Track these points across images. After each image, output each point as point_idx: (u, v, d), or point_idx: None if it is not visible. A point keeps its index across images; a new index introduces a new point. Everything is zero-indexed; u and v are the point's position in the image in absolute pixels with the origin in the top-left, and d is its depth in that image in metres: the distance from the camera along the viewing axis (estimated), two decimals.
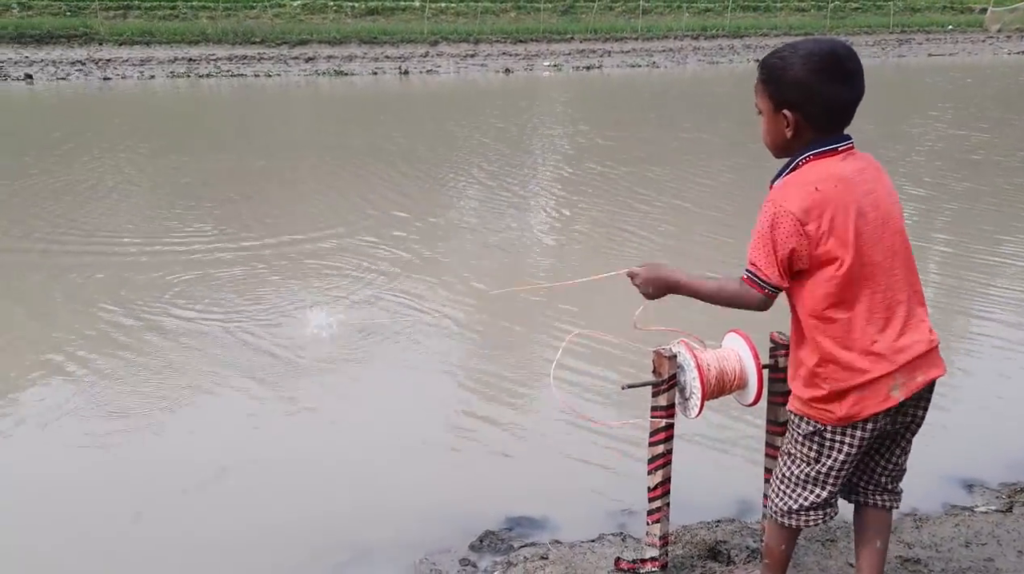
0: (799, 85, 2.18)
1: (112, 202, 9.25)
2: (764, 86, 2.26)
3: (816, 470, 2.36)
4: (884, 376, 2.21)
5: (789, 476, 2.42)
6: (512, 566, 3.14)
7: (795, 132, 2.23)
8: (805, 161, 2.23)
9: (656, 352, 2.76)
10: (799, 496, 2.41)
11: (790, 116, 2.21)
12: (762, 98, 2.28)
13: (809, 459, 2.36)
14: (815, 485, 2.38)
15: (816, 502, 2.39)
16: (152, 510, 3.65)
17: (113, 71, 23.00)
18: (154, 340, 5.40)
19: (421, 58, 27.03)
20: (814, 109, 2.19)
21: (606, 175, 10.82)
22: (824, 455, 2.34)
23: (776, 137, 2.28)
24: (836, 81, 2.18)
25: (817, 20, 37.29)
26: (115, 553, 3.39)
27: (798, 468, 2.40)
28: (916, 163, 11.61)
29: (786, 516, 2.45)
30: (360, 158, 11.76)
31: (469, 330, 5.61)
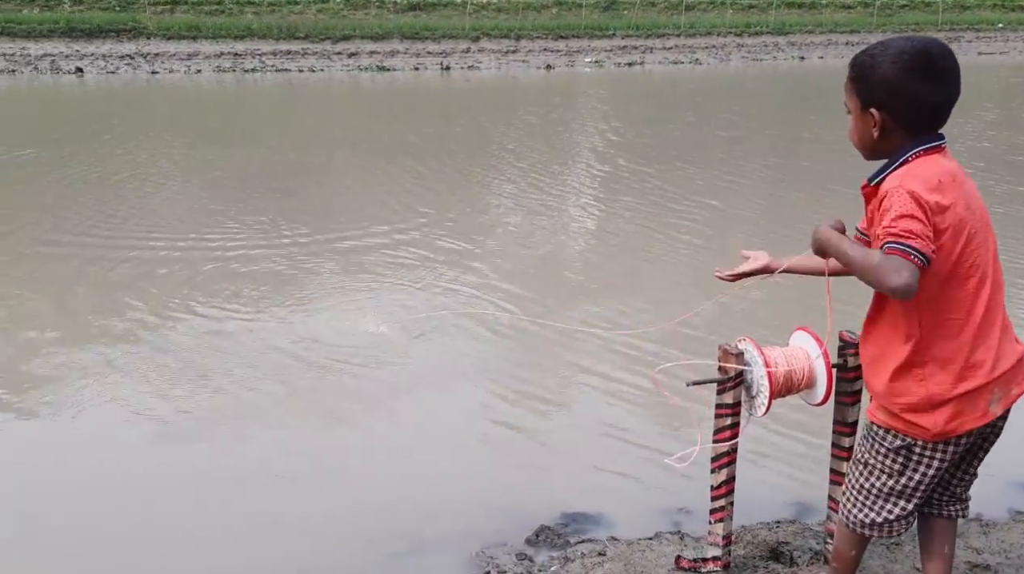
0: (886, 83, 2.11)
1: (147, 195, 9.38)
2: (853, 84, 2.20)
3: (902, 484, 2.27)
4: (983, 387, 2.13)
5: (869, 488, 2.33)
6: (570, 562, 3.12)
7: (882, 132, 2.15)
8: (915, 156, 2.12)
9: (723, 349, 2.72)
10: (881, 509, 2.32)
11: (877, 115, 2.14)
12: (850, 96, 2.21)
13: (893, 472, 2.27)
14: (900, 498, 2.30)
15: (900, 515, 2.32)
16: (210, 500, 3.69)
17: (160, 65, 23.34)
18: (210, 335, 5.46)
19: (463, 54, 27.07)
20: (902, 108, 2.11)
21: (642, 173, 10.74)
22: (911, 469, 2.25)
23: (863, 137, 2.21)
24: (926, 80, 2.09)
25: (863, 17, 36.73)
26: (174, 541, 3.42)
27: (879, 481, 2.30)
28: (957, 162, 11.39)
29: (865, 527, 2.37)
30: (398, 154, 11.80)
31: (524, 328, 5.60)
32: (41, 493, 3.73)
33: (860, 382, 2.77)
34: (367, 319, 5.67)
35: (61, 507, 3.62)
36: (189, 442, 4.16)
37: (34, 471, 3.92)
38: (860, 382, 2.77)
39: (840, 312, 2.48)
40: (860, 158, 2.30)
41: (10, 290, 6.23)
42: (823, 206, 8.72)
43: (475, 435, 4.19)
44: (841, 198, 8.81)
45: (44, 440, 4.23)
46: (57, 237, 7.54)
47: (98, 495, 3.73)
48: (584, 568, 3.05)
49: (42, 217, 8.18)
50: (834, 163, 10.71)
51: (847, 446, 2.83)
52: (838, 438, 2.86)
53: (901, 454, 2.24)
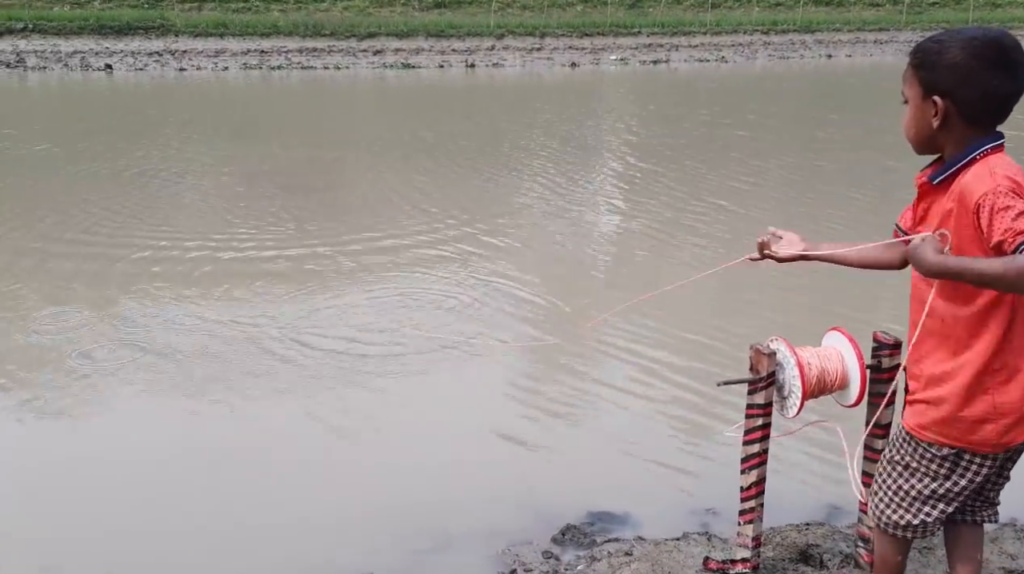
0: (956, 68, 2.00)
1: (177, 191, 9.45)
2: (915, 71, 2.09)
3: (945, 488, 2.21)
4: None
5: (908, 490, 2.26)
6: (596, 561, 3.09)
7: (943, 122, 2.04)
8: (983, 155, 2.01)
9: (755, 348, 2.68)
10: (919, 511, 2.26)
11: (940, 103, 2.03)
12: (911, 84, 2.10)
13: (938, 476, 2.20)
14: (940, 501, 2.23)
15: (940, 518, 2.26)
16: (234, 497, 3.70)
17: (188, 62, 23.51)
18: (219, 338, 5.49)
19: (487, 51, 27.06)
20: (970, 97, 2.00)
21: (664, 173, 10.69)
22: (958, 475, 2.18)
23: (921, 128, 2.09)
24: (997, 70, 1.98)
25: (892, 15, 36.36)
26: (197, 539, 3.43)
27: (920, 482, 2.24)
28: None
29: (899, 529, 2.31)
30: (420, 153, 11.82)
31: (551, 329, 5.58)
32: (45, 489, 3.74)
33: (894, 383, 2.73)
34: (392, 319, 5.67)
35: (64, 506, 3.64)
36: (210, 439, 4.18)
37: (38, 469, 3.94)
38: (894, 383, 2.73)
39: (862, 316, 2.45)
40: (873, 160, 2.25)
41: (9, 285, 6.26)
42: (840, 207, 8.63)
43: (501, 433, 4.18)
44: (857, 200, 8.72)
45: (44, 438, 4.23)
46: (61, 234, 7.60)
47: (118, 491, 3.75)
48: (611, 567, 3.03)
49: (48, 214, 8.25)
50: (851, 163, 10.60)
51: (879, 448, 2.78)
52: (871, 440, 2.81)
53: (948, 460, 2.17)
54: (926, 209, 2.16)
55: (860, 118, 14.80)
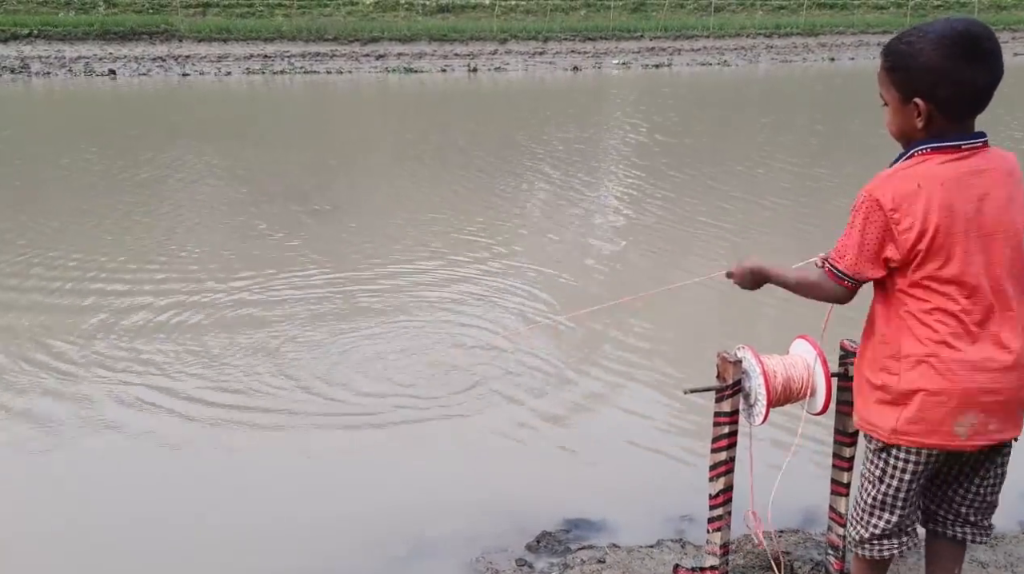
0: (931, 72, 1.99)
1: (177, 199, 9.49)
2: (890, 75, 2.08)
3: (882, 492, 2.23)
4: (946, 398, 2.08)
5: (860, 502, 2.32)
6: (569, 568, 3.11)
7: (927, 122, 2.04)
8: (920, 153, 2.06)
9: (721, 356, 2.69)
10: (867, 522, 2.28)
11: (922, 106, 2.02)
12: (888, 88, 2.10)
13: (874, 478, 2.24)
14: (882, 509, 2.25)
15: (885, 530, 2.26)
16: (210, 503, 3.72)
17: (191, 67, 23.60)
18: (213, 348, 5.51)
19: (490, 56, 27.10)
20: (948, 96, 2.00)
21: (667, 176, 10.69)
22: (888, 475, 2.21)
23: (906, 129, 2.10)
24: (973, 64, 1.98)
25: (896, 18, 36.26)
26: (173, 545, 3.45)
27: (866, 491, 2.29)
28: None
29: (857, 546, 2.33)
30: (424, 158, 11.84)
31: (532, 332, 5.59)
32: (50, 499, 3.78)
33: None
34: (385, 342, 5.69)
35: (68, 518, 3.67)
36: (192, 446, 4.20)
37: (41, 479, 3.98)
38: None
39: (846, 321, 2.45)
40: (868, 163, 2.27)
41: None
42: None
43: (479, 441, 4.18)
44: None
45: (51, 454, 4.27)
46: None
47: (102, 505, 3.78)
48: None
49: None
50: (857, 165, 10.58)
51: (848, 456, 2.80)
52: (839, 448, 2.82)
53: (880, 456, 2.21)
54: None
55: (851, 119, 14.81)
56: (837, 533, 2.87)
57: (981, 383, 2.05)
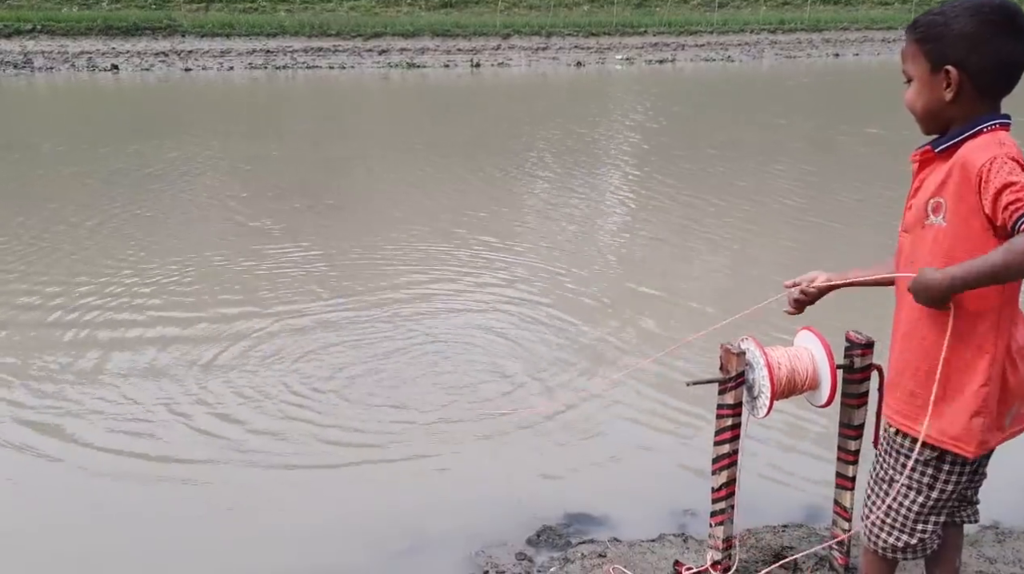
0: (967, 38, 1.92)
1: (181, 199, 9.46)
2: (920, 45, 1.99)
3: (933, 498, 2.13)
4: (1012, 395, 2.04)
5: (897, 508, 2.18)
6: (569, 562, 3.06)
7: (956, 93, 1.95)
8: (991, 129, 1.93)
9: (724, 348, 2.65)
10: (913, 530, 2.18)
11: (954, 74, 1.94)
12: (915, 60, 2.02)
13: (923, 487, 2.12)
14: (931, 514, 2.16)
15: (933, 531, 2.19)
16: (208, 501, 3.68)
17: (194, 62, 23.61)
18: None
19: (493, 51, 27.07)
20: (983, 65, 1.92)
21: (668, 174, 10.65)
22: (942, 481, 2.11)
23: (931, 102, 2.00)
24: (1009, 35, 1.91)
25: (901, 14, 36.17)
26: (172, 545, 3.42)
27: (907, 498, 2.16)
28: None
29: (898, 552, 2.22)
30: (425, 153, 11.80)
31: (531, 325, 5.55)
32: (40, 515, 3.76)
33: (867, 384, 2.70)
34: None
35: (58, 530, 3.65)
36: (180, 445, 4.17)
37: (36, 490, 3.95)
38: (867, 384, 2.70)
39: (845, 311, 2.41)
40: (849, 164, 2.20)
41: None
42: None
43: (478, 436, 4.13)
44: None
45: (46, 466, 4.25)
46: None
47: (88, 501, 3.75)
48: (583, 570, 3.00)
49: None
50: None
51: (853, 450, 2.76)
52: (844, 441, 2.78)
53: (931, 465, 2.10)
54: (922, 180, 2.07)
55: (838, 120, 14.75)
56: (842, 527, 2.82)
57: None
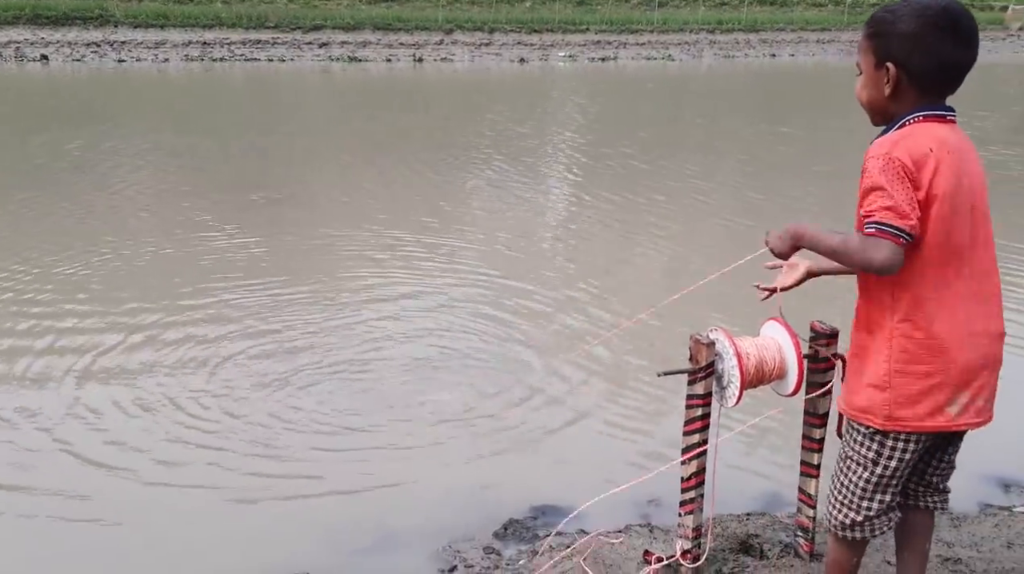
0: (908, 38, 2.01)
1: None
2: (869, 41, 2.09)
3: (877, 474, 2.19)
4: (943, 382, 2.07)
5: (848, 485, 2.25)
6: (537, 555, 3.06)
7: (894, 89, 2.05)
8: (914, 121, 2.04)
9: (693, 339, 2.66)
10: (859, 506, 2.24)
11: (892, 70, 2.04)
12: (865, 54, 2.11)
13: (867, 462, 2.19)
14: (876, 491, 2.21)
15: (880, 510, 2.24)
16: (169, 492, 3.59)
17: (127, 53, 22.98)
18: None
19: (436, 46, 26.92)
20: (921, 65, 2.01)
21: (616, 168, 10.72)
22: (885, 457, 2.17)
23: (873, 96, 2.10)
24: (948, 38, 1.99)
25: (834, 15, 37.04)
26: (137, 537, 3.32)
27: (855, 474, 2.23)
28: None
29: (847, 529, 2.28)
30: (370, 148, 11.68)
31: (495, 317, 5.53)
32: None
33: (831, 373, 2.74)
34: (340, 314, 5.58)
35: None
36: (153, 444, 4.05)
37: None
38: (831, 373, 2.74)
39: (813, 301, 2.45)
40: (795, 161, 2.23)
41: None
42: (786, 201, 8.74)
43: (441, 429, 4.10)
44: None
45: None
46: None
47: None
48: (552, 562, 2.99)
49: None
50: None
51: (818, 438, 2.80)
52: (808, 430, 2.83)
53: (875, 440, 2.16)
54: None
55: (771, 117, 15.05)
56: (807, 514, 2.87)
57: (966, 364, 2.05)
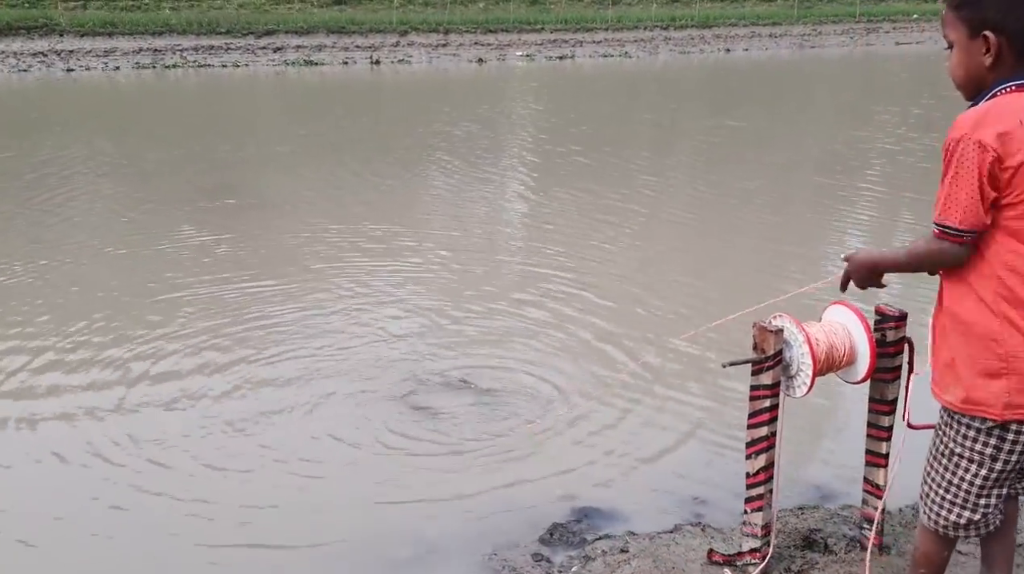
0: (999, 1, 1.92)
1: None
2: (957, 12, 2.00)
3: (997, 470, 2.06)
4: None
5: (959, 483, 2.11)
6: (590, 560, 2.92)
7: (996, 58, 1.94)
8: (1004, 92, 1.94)
9: (759, 326, 2.54)
10: (976, 505, 2.11)
11: (992, 38, 1.93)
12: (954, 26, 2.01)
13: (985, 458, 2.05)
14: (995, 486, 2.09)
15: (996, 504, 2.12)
16: (219, 512, 3.37)
17: (76, 62, 22.32)
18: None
19: (392, 48, 26.62)
20: (1019, 28, 1.91)
21: (576, 163, 10.65)
22: (1006, 451, 2.04)
23: (971, 68, 1.99)
24: None
25: (784, 9, 37.45)
26: (181, 555, 3.12)
27: (969, 473, 2.08)
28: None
29: (960, 529, 2.15)
30: (331, 152, 11.46)
31: (525, 325, 5.37)
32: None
33: (900, 358, 2.65)
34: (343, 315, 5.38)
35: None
36: (187, 454, 3.83)
37: None
38: (900, 358, 2.65)
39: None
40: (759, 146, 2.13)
41: None
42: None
43: (465, 436, 3.91)
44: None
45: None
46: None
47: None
48: (608, 567, 2.86)
49: None
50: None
51: (886, 426, 2.70)
52: (875, 418, 2.72)
53: (994, 435, 2.02)
54: None
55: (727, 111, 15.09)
56: (874, 506, 2.76)
57: None
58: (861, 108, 15.90)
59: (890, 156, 10.97)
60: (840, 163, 10.33)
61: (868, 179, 9.59)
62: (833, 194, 8.92)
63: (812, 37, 33.22)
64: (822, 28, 35.01)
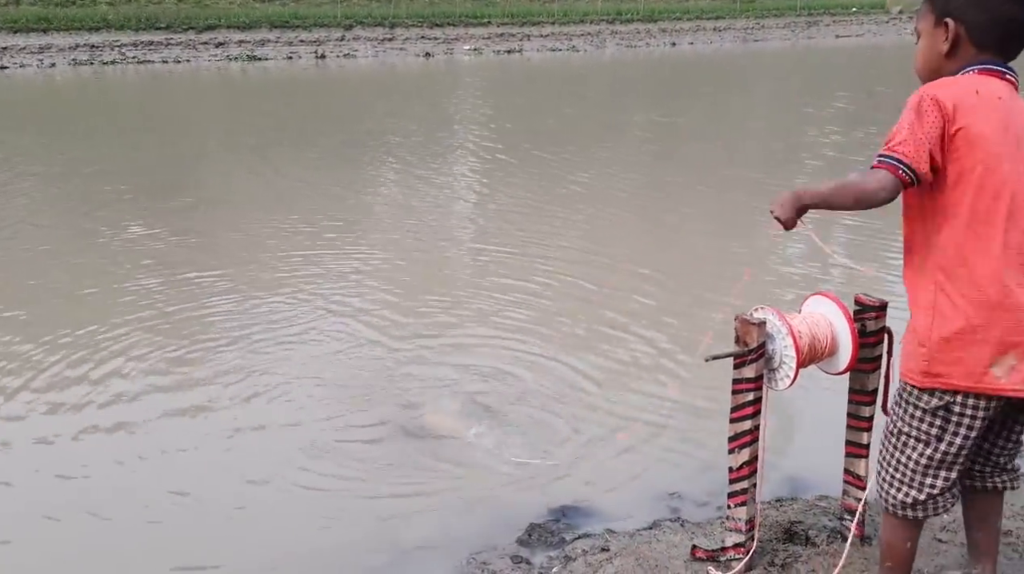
0: None
1: None
2: (928, 2, 2.06)
3: (942, 451, 2.09)
4: (985, 338, 1.98)
5: (906, 462, 2.15)
6: (571, 560, 2.86)
7: (952, 46, 2.01)
8: (970, 72, 2.00)
9: (741, 319, 2.50)
10: (922, 484, 2.13)
11: (951, 25, 2.00)
12: (924, 16, 2.08)
13: (931, 438, 2.09)
14: (940, 468, 2.12)
15: (944, 487, 2.14)
16: (179, 522, 3.24)
17: (10, 59, 21.66)
18: None
19: (337, 42, 26.33)
20: (980, 20, 1.98)
21: (531, 158, 10.62)
22: (950, 433, 2.07)
23: (929, 56, 2.06)
24: None
25: (727, 3, 37.93)
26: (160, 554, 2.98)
27: (915, 451, 2.12)
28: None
29: (907, 508, 2.18)
30: (274, 149, 11.26)
31: (498, 323, 5.30)
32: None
33: (880, 347, 2.63)
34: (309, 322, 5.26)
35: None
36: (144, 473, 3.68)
37: None
38: (880, 347, 2.63)
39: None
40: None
41: None
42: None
43: (443, 434, 3.83)
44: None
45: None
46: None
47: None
48: (590, 566, 2.80)
49: None
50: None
51: (867, 416, 2.68)
52: (856, 408, 2.71)
53: (939, 415, 2.06)
54: None
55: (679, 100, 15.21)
56: (855, 496, 2.75)
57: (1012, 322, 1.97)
58: (796, 103, 16.14)
59: (817, 150, 11.13)
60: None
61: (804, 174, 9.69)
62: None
63: (755, 31, 33.68)
64: (765, 22, 35.56)
